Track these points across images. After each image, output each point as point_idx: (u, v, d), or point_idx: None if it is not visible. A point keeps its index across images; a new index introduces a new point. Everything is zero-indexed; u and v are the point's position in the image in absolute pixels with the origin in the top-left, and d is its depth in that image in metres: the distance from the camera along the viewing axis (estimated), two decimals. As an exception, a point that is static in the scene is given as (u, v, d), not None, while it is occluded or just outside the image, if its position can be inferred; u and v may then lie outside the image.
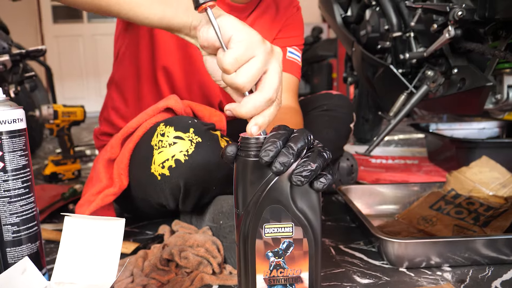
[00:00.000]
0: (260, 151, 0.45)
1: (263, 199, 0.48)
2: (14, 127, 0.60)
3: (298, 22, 1.01)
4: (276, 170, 0.44)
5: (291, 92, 0.94)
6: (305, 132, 0.46)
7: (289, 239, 0.49)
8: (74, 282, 0.49)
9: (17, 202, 0.60)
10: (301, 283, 0.50)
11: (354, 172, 1.20)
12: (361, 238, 0.87)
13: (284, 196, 0.48)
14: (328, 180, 0.46)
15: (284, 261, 0.50)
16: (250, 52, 0.45)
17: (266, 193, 0.47)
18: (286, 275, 0.50)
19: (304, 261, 0.50)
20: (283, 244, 0.49)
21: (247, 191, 0.48)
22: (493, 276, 0.69)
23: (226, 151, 0.47)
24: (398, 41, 1.28)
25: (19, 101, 1.76)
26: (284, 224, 0.49)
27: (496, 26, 0.91)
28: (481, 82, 0.93)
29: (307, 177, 0.44)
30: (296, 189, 0.48)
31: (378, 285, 0.67)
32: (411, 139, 2.18)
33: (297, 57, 0.98)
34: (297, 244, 0.49)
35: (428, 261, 0.72)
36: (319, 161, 0.45)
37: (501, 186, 0.97)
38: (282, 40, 0.98)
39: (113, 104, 0.97)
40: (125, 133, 0.79)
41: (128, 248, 0.82)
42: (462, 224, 0.87)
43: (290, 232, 0.49)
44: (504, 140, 1.53)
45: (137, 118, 0.79)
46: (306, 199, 0.49)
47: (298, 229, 0.49)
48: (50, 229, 0.94)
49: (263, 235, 0.48)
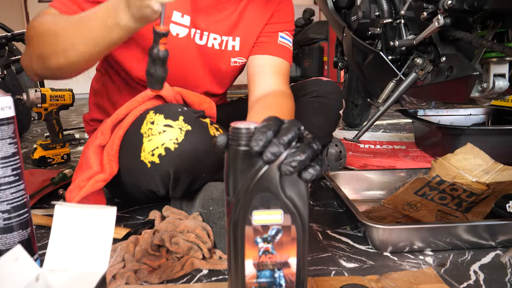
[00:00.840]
0: (251, 140, 0.46)
1: (253, 187, 0.49)
2: (2, 115, 0.59)
3: (289, 8, 1.01)
4: (266, 159, 0.45)
5: (282, 77, 0.95)
6: (296, 123, 0.47)
7: (278, 226, 0.50)
8: (67, 269, 0.50)
9: (7, 189, 0.61)
10: (289, 267, 0.52)
11: (342, 158, 1.22)
12: (348, 223, 0.89)
13: (274, 184, 0.49)
14: (316, 171, 0.47)
15: (272, 247, 0.51)
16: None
17: (256, 181, 0.48)
18: (274, 261, 0.51)
19: (292, 247, 0.52)
20: (272, 231, 0.51)
21: (237, 179, 0.49)
22: (472, 260, 0.72)
23: (216, 141, 0.48)
24: (389, 28, 1.29)
25: (5, 85, 1.73)
26: (273, 211, 0.50)
27: (485, 16, 0.92)
28: (468, 71, 0.94)
29: (296, 167, 0.45)
30: (285, 178, 0.49)
31: (363, 269, 0.69)
32: (399, 124, 2.21)
33: (289, 42, 0.99)
34: (285, 230, 0.51)
35: (411, 245, 0.74)
36: (309, 152, 0.46)
37: (484, 173, 1.00)
38: (274, 25, 0.98)
39: (104, 90, 0.96)
40: (114, 120, 0.79)
41: (119, 233, 0.83)
42: (445, 209, 0.89)
43: (279, 219, 0.50)
44: (489, 127, 1.56)
45: (127, 104, 0.78)
46: (294, 187, 0.50)
47: (287, 216, 0.50)
48: (40, 214, 0.94)
49: (253, 222, 0.49)
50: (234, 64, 0.96)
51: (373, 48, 1.36)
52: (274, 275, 0.52)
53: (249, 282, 0.51)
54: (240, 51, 0.95)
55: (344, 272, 0.68)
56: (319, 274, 0.67)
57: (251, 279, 0.51)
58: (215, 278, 0.67)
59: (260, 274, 0.51)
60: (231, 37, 0.93)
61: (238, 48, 0.94)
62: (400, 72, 1.24)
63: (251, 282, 0.51)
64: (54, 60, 0.68)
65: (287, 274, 0.52)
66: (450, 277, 0.66)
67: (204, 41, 0.88)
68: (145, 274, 0.66)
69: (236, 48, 0.94)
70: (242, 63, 0.98)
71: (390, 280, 0.65)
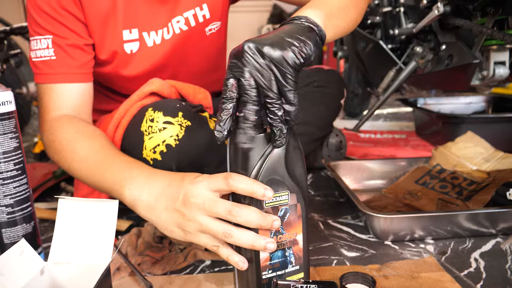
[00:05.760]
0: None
1: (264, 172, 0.50)
2: (3, 110, 0.60)
3: None
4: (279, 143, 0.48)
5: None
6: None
7: (286, 206, 0.52)
8: (71, 262, 0.51)
9: (10, 184, 0.61)
10: (297, 244, 0.54)
11: (343, 148, 1.22)
12: (349, 212, 0.90)
13: (281, 166, 0.51)
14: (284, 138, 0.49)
15: (282, 227, 0.52)
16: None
17: (265, 166, 0.50)
18: (284, 240, 0.53)
19: (298, 224, 0.53)
20: (281, 212, 0.52)
21: (247, 167, 0.50)
22: (473, 247, 0.72)
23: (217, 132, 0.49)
24: (388, 16, 1.28)
25: (4, 79, 1.73)
26: (281, 193, 0.51)
27: (485, 3, 0.91)
28: (468, 59, 0.93)
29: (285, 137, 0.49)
30: (289, 158, 0.51)
31: (364, 258, 0.70)
32: (399, 113, 2.20)
33: None
34: (292, 209, 0.53)
35: (412, 234, 0.75)
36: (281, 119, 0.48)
37: (485, 161, 1.00)
38: None
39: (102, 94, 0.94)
40: (116, 123, 0.79)
41: (121, 226, 0.83)
42: (446, 198, 0.90)
43: (286, 199, 0.52)
44: (489, 115, 1.56)
45: (123, 106, 0.78)
46: (296, 166, 0.52)
47: (292, 195, 0.52)
48: (43, 208, 0.95)
49: (264, 206, 0.50)
50: (211, 32, 0.89)
51: (373, 37, 1.35)
52: (285, 254, 0.53)
53: (263, 265, 0.52)
54: (211, 17, 0.87)
55: (345, 262, 0.69)
56: (321, 263, 0.68)
57: (265, 262, 0.52)
58: (217, 268, 0.68)
59: (273, 256, 0.52)
60: (198, 7, 0.85)
61: (208, 16, 0.86)
62: (400, 61, 1.24)
63: (265, 265, 0.52)
64: (67, 170, 0.71)
65: (296, 251, 0.54)
66: (451, 265, 0.67)
67: (171, 33, 0.83)
68: (148, 265, 0.67)
69: (206, 16, 0.86)
70: (217, 27, 0.90)
71: (392, 269, 0.65)
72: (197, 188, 0.51)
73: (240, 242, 0.49)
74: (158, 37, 0.82)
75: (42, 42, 0.73)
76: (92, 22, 0.75)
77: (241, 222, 0.48)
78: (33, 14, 0.73)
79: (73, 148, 0.68)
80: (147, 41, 0.81)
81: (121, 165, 0.63)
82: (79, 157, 0.67)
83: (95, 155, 0.66)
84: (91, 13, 0.74)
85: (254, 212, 0.48)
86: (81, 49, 0.75)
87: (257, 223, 0.48)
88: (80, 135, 0.70)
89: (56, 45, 0.73)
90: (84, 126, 0.72)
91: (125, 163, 0.63)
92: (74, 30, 0.74)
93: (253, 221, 0.48)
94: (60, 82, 0.74)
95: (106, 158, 0.65)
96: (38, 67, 0.74)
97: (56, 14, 0.72)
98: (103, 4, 0.75)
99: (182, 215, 0.51)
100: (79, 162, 0.67)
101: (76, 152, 0.68)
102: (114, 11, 0.76)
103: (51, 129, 0.72)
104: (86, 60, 0.77)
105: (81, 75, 0.76)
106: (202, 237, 0.52)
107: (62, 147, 0.69)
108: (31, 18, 0.74)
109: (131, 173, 0.60)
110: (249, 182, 0.48)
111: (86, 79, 0.77)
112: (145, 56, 0.82)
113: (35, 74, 0.76)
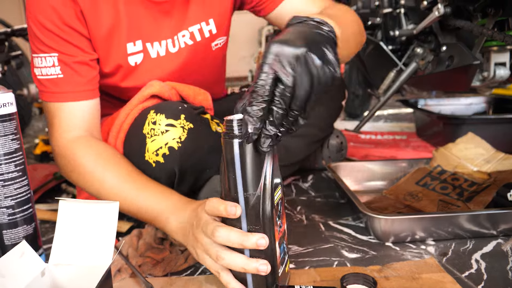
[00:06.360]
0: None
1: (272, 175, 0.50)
2: (4, 111, 0.60)
3: None
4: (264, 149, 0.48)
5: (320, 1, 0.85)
6: None
7: (281, 199, 0.54)
8: (72, 263, 0.51)
9: (11, 185, 0.61)
10: (286, 235, 0.56)
11: (343, 149, 1.22)
12: (350, 213, 0.90)
13: (276, 166, 0.52)
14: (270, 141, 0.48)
15: (281, 221, 0.53)
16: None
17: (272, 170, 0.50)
18: (282, 231, 0.53)
19: (285, 214, 0.56)
20: (280, 206, 0.52)
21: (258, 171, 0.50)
22: (474, 249, 0.72)
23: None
24: (388, 18, 1.28)
25: (5, 81, 1.73)
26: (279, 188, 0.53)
27: (485, 4, 0.91)
28: (469, 61, 0.94)
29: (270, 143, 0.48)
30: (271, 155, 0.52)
31: (365, 259, 0.70)
32: (400, 114, 2.20)
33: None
34: (282, 201, 0.54)
35: (413, 235, 0.75)
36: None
37: (485, 162, 1.00)
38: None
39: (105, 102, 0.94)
40: (118, 130, 0.79)
41: (122, 227, 0.83)
42: (446, 199, 0.90)
43: (280, 192, 0.54)
44: (489, 116, 1.56)
45: (124, 110, 0.78)
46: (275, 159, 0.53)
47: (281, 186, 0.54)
48: (44, 209, 0.95)
49: (274, 205, 0.50)
50: (217, 47, 0.89)
51: (373, 38, 1.35)
52: (283, 246, 0.54)
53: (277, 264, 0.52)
54: (218, 32, 0.87)
55: (346, 263, 0.69)
56: (322, 265, 0.68)
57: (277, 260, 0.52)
58: (218, 270, 0.68)
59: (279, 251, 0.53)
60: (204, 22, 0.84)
61: (215, 31, 0.86)
62: (401, 62, 1.24)
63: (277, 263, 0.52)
64: (93, 194, 0.73)
65: (286, 242, 0.54)
66: (452, 266, 0.67)
67: (177, 47, 0.83)
68: (149, 267, 0.67)
69: (213, 31, 0.86)
70: (223, 42, 0.91)
71: (393, 270, 0.65)
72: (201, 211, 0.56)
73: (231, 265, 0.50)
74: (162, 49, 0.81)
75: (47, 60, 0.72)
76: (96, 37, 0.74)
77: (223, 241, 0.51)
78: (35, 31, 0.71)
79: (101, 177, 0.70)
80: (151, 52, 0.80)
81: (155, 196, 0.68)
82: (109, 185, 0.69)
83: (124, 186, 0.69)
84: (95, 29, 0.73)
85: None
86: (87, 65, 0.75)
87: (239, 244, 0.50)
88: (103, 162, 0.71)
89: (62, 63, 0.72)
90: (104, 150, 0.73)
91: (159, 194, 0.68)
92: (79, 46, 0.73)
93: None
94: (69, 100, 0.73)
95: (138, 192, 0.68)
96: (44, 85, 0.73)
97: (60, 31, 0.71)
98: (106, 19, 0.74)
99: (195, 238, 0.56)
100: (108, 190, 0.69)
101: (105, 180, 0.70)
102: (118, 25, 0.75)
103: (68, 151, 0.73)
104: (92, 75, 0.76)
105: (89, 92, 0.75)
106: (207, 260, 0.54)
107: (86, 172, 0.71)
108: (33, 35, 0.72)
109: (166, 204, 0.66)
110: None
111: (93, 95, 0.76)
112: (149, 68, 0.81)
113: (40, 92, 0.75)
